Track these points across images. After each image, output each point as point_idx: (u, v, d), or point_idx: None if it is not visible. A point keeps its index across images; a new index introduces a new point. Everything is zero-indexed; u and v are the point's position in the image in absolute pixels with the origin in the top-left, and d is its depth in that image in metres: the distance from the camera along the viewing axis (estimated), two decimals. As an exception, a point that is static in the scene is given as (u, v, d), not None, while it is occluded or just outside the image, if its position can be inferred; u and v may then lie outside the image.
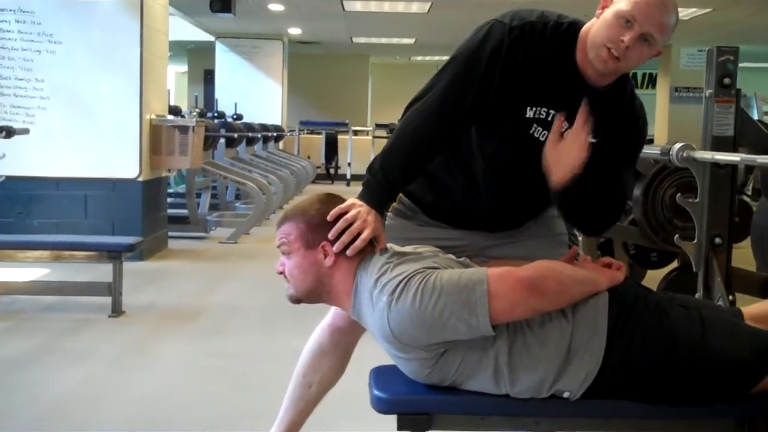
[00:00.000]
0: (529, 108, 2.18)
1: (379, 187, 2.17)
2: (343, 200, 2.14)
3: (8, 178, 5.81)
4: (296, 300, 2.15)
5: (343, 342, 2.46)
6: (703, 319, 2.05)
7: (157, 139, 7.24)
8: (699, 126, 3.33)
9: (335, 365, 2.48)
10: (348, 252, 2.07)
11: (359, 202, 2.13)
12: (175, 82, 20.20)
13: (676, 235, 3.42)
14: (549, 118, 2.18)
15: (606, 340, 2.00)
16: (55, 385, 3.75)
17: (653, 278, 4.98)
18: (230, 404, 3.02)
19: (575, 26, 2.18)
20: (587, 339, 2.01)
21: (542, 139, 2.18)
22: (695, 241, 3.29)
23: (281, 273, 2.15)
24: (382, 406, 2.05)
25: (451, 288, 1.94)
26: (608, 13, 2.10)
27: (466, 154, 2.28)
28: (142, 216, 6.97)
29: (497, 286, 1.94)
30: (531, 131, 2.20)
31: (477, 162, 2.28)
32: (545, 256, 2.17)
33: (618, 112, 2.22)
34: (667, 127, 13.74)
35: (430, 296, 1.93)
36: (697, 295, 3.24)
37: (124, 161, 6.93)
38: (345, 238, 2.07)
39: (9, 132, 5.46)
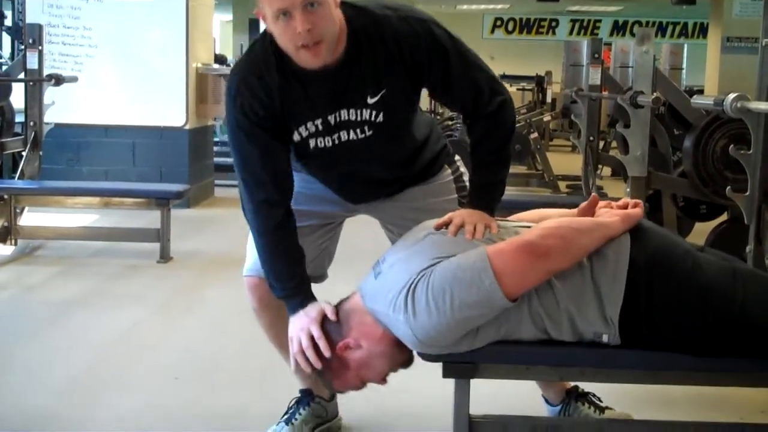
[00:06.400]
0: (295, 134, 2.19)
1: (288, 294, 2.22)
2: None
3: (58, 125, 5.86)
4: (405, 364, 2.16)
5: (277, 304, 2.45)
6: (736, 271, 2.02)
7: (203, 87, 7.26)
8: (750, 77, 3.26)
9: None
10: (326, 355, 2.10)
11: (290, 327, 2.18)
12: (220, 31, 20.18)
13: (728, 187, 3.36)
14: (321, 126, 2.18)
15: (630, 286, 1.97)
16: (105, 328, 3.83)
17: (702, 231, 4.93)
18: (275, 350, 3.05)
19: (272, 37, 2.10)
20: (609, 281, 1.98)
21: (329, 144, 2.20)
22: (747, 193, 3.24)
23: (384, 383, 2.20)
24: (427, 354, 2.06)
25: (459, 286, 1.92)
26: (270, 22, 2.04)
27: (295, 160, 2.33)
28: (189, 164, 7.03)
29: (500, 264, 1.92)
30: (313, 147, 2.21)
31: (306, 167, 2.36)
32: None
33: (389, 55, 2.13)
34: (718, 78, 13.46)
35: (443, 300, 1.92)
36: (747, 248, 3.20)
37: (171, 109, 6.97)
38: (312, 357, 2.11)
39: (58, 80, 5.52)
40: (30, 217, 5.52)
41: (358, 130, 2.20)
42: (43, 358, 3.40)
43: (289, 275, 2.23)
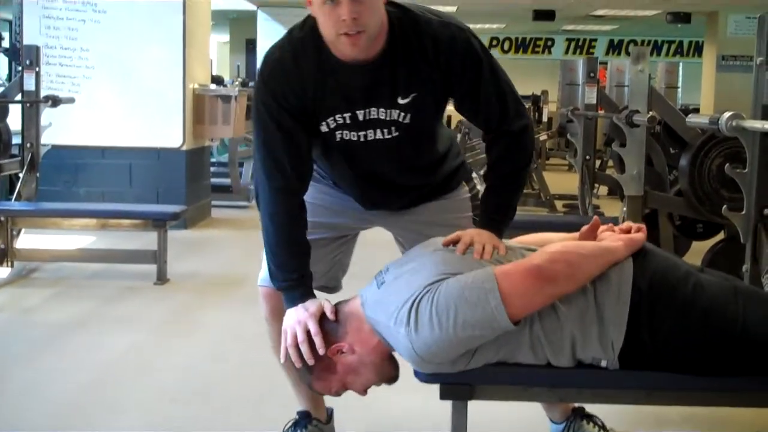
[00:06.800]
0: (322, 125, 2.20)
1: (289, 285, 2.21)
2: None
3: (55, 147, 5.87)
4: (390, 380, 2.16)
5: None
6: (738, 292, 2.02)
7: (200, 108, 7.27)
8: (746, 95, 3.26)
9: None
10: (320, 352, 2.08)
11: (286, 318, 2.17)
12: (217, 52, 20.24)
13: (725, 206, 3.37)
14: (349, 120, 2.19)
15: (633, 309, 1.98)
16: (101, 350, 3.81)
17: (699, 250, 4.93)
18: (273, 371, 3.04)
19: (314, 24, 2.12)
20: (612, 305, 1.98)
21: (354, 139, 2.21)
22: (743, 212, 3.24)
23: (364, 393, 2.18)
24: (425, 376, 2.05)
25: (465, 305, 1.92)
26: (315, 7, 2.06)
27: (317, 157, 2.36)
28: (186, 185, 7.03)
29: (507, 286, 1.92)
30: (338, 139, 2.22)
31: (328, 162, 2.38)
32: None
33: (425, 58, 2.15)
34: (713, 96, 13.50)
35: (447, 317, 1.92)
36: (744, 267, 3.20)
37: (168, 130, 6.97)
38: (305, 352, 2.10)
39: (55, 101, 5.52)
40: (27, 239, 5.52)
41: (385, 131, 2.21)
42: (39, 380, 3.38)
43: (293, 266, 2.22)
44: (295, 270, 2.22)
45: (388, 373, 2.13)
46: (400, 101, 2.17)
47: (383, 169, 2.33)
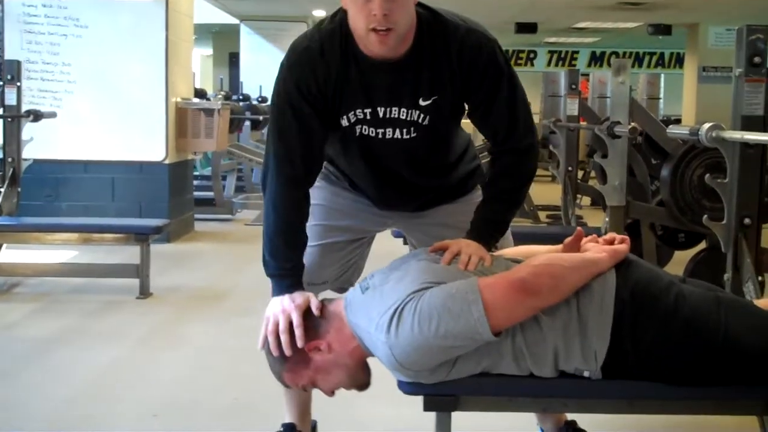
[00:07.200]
0: (342, 118, 2.21)
1: (279, 275, 2.21)
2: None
3: (36, 161, 5.84)
4: (361, 386, 2.16)
5: None
6: (720, 302, 2.03)
7: (182, 122, 7.25)
8: (727, 106, 3.29)
9: None
10: (299, 345, 2.07)
11: (270, 307, 2.15)
12: (200, 65, 20.24)
13: (705, 216, 3.39)
14: (369, 116, 2.20)
15: (616, 320, 1.98)
16: (84, 365, 3.79)
17: (681, 259, 4.96)
18: (258, 384, 3.04)
19: (344, 18, 2.15)
20: (595, 316, 1.98)
21: (372, 134, 2.23)
22: (724, 221, 3.26)
23: (331, 394, 2.18)
24: (408, 387, 2.04)
25: (448, 315, 1.92)
26: (348, 0, 2.08)
27: (335, 154, 2.38)
28: (169, 198, 7.01)
29: (491, 298, 1.92)
30: (358, 134, 2.24)
31: (345, 159, 2.39)
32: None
33: (449, 63, 2.16)
34: (695, 107, 13.60)
35: (428, 325, 1.91)
36: (726, 276, 3.22)
37: (150, 144, 6.96)
38: (285, 342, 2.08)
39: (36, 116, 5.51)
40: (8, 254, 5.47)
41: (404, 130, 2.22)
42: (20, 396, 3.36)
43: (287, 256, 2.22)
44: (289, 260, 2.22)
45: (360, 379, 2.13)
46: (422, 103, 2.19)
47: (399, 167, 2.34)
